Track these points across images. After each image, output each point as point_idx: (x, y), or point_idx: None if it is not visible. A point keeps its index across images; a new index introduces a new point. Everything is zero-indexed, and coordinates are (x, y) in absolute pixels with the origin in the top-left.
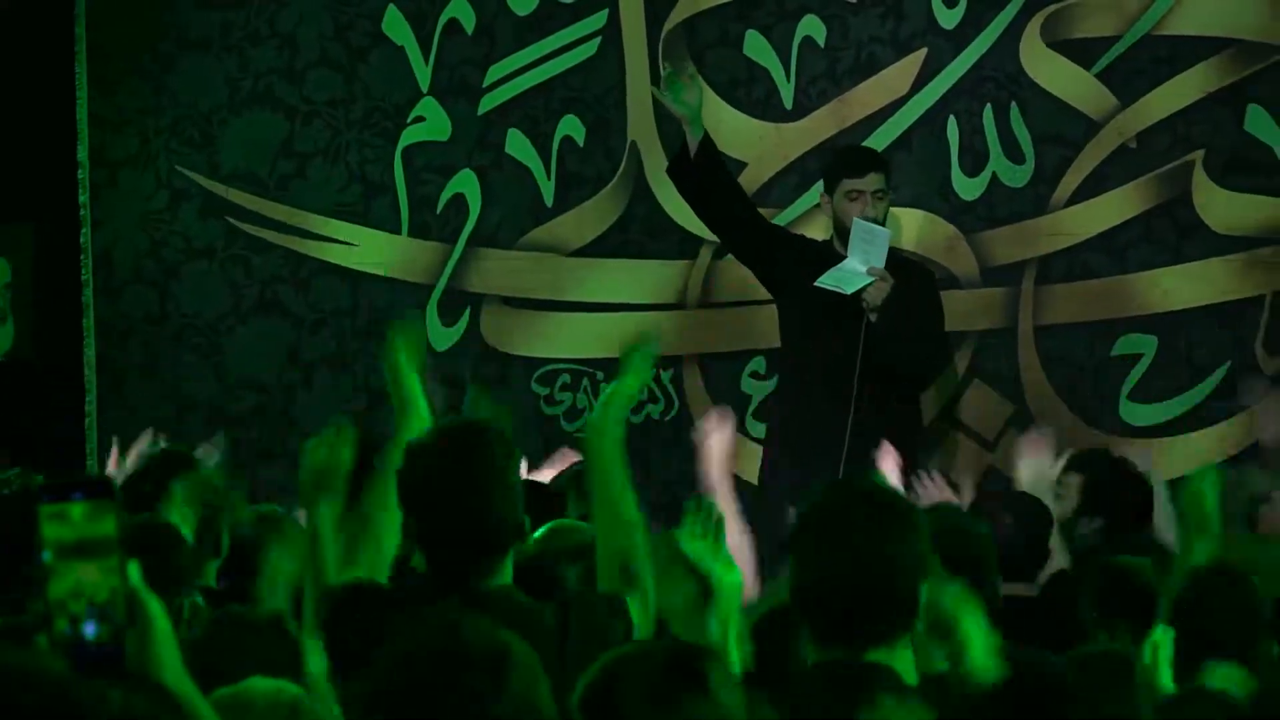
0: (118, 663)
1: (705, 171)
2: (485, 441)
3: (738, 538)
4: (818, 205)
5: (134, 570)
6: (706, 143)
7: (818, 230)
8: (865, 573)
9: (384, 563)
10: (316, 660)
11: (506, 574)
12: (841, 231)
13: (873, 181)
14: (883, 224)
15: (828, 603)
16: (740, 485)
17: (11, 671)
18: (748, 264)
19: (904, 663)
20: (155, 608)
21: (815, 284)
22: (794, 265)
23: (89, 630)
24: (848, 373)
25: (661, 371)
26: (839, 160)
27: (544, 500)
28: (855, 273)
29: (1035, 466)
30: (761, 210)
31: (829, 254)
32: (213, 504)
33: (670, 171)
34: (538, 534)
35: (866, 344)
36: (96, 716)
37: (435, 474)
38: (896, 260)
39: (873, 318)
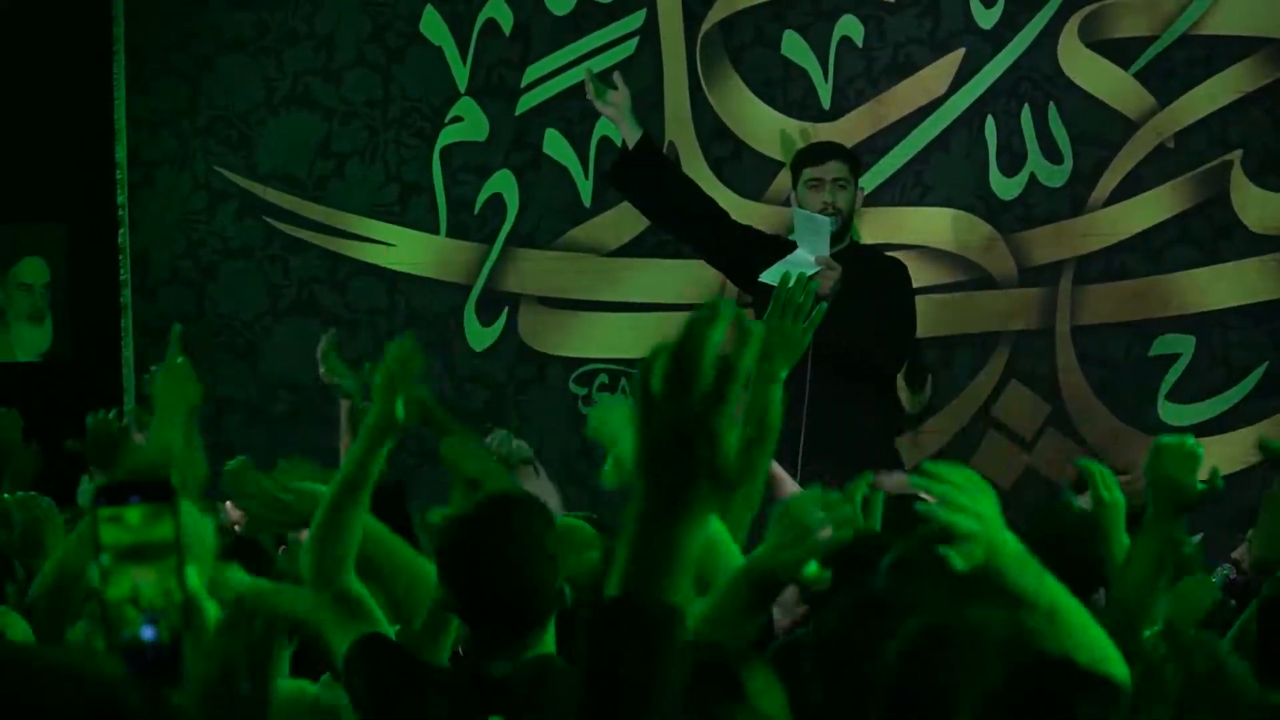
0: (174, 667)
1: (648, 168)
2: (523, 514)
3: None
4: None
5: (192, 574)
6: (646, 141)
7: (863, 229)
8: None
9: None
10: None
11: (549, 642)
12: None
13: (833, 169)
14: (849, 214)
15: None
16: None
17: (69, 673)
18: (713, 262)
19: None
20: (212, 612)
21: (759, 279)
22: (765, 263)
23: (146, 634)
24: (800, 361)
25: None
26: (801, 152)
27: None
28: (802, 264)
29: None
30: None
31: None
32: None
33: (611, 176)
34: None
35: (817, 332)
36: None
37: (474, 548)
38: (867, 256)
39: (824, 305)
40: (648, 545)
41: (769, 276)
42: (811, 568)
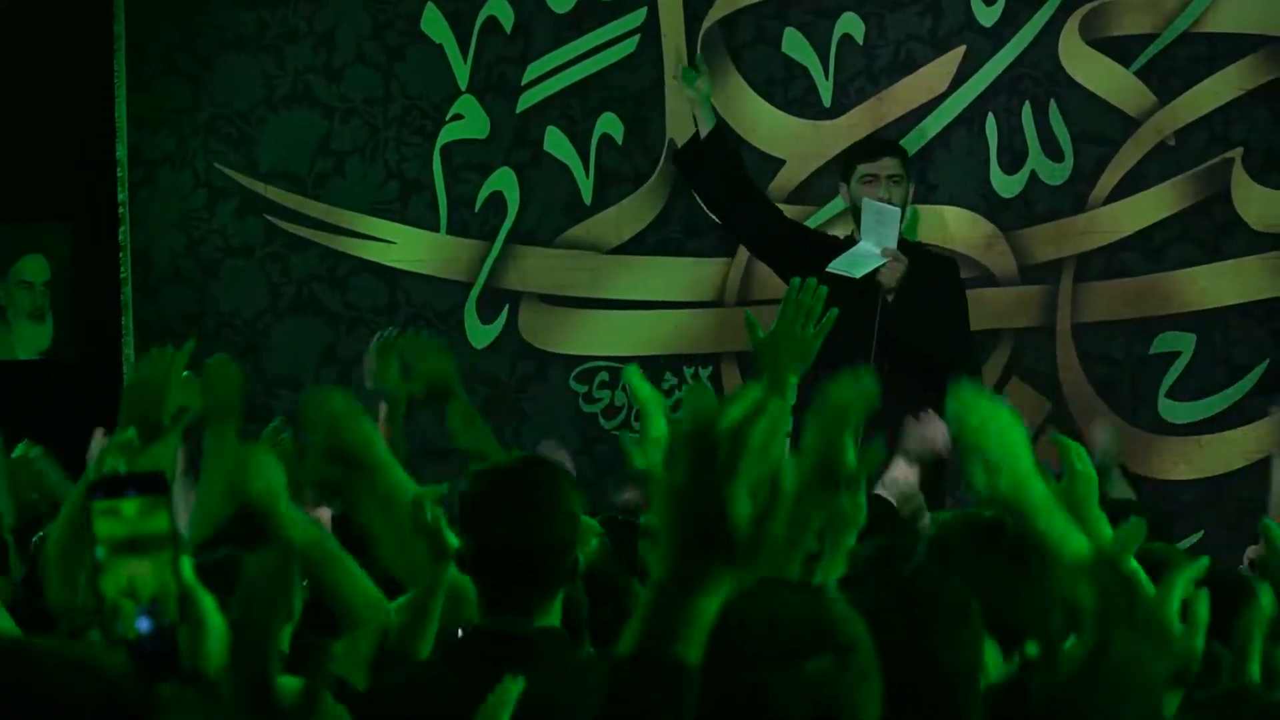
0: (171, 659)
1: (716, 158)
2: (549, 472)
3: None
4: None
5: (186, 566)
6: (718, 132)
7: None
8: None
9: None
10: None
11: (555, 614)
12: (860, 219)
13: (887, 166)
14: (902, 210)
15: None
16: None
17: (72, 665)
18: (763, 258)
19: None
20: (208, 603)
21: (827, 269)
22: (816, 260)
23: (142, 626)
24: (864, 352)
25: (700, 369)
26: (853, 148)
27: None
28: (868, 254)
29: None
30: (799, 208)
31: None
32: None
33: (679, 159)
34: None
35: (882, 324)
36: (149, 711)
37: (494, 494)
38: (921, 252)
39: (889, 298)
40: (664, 612)
41: (837, 266)
42: None
